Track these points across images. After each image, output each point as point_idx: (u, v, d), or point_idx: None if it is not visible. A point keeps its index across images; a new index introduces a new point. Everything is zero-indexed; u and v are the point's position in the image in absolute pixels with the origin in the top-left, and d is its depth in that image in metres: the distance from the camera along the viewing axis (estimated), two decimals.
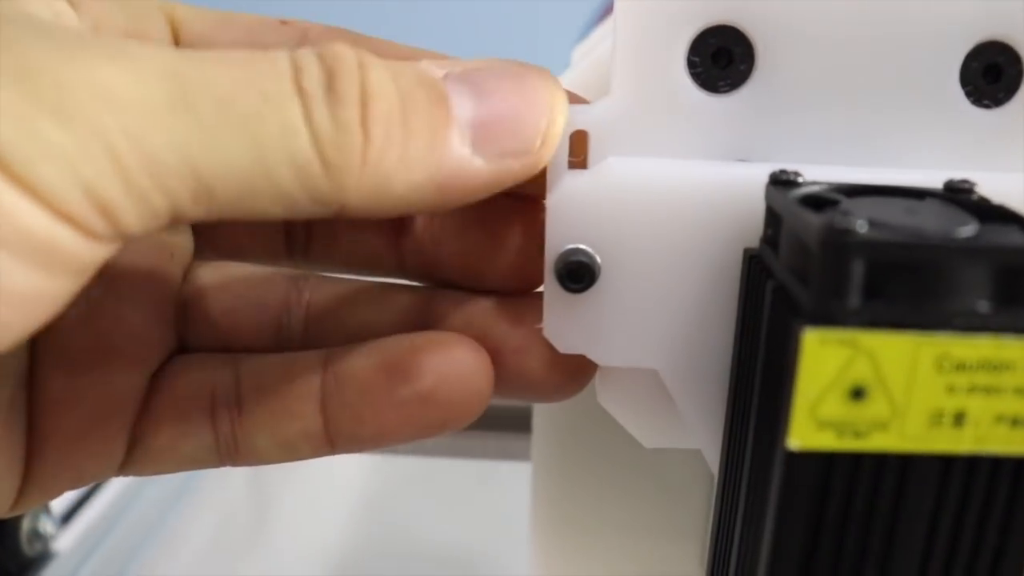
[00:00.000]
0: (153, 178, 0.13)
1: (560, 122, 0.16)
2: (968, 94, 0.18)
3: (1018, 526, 0.14)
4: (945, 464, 0.14)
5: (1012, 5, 0.17)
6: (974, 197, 0.16)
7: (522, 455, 0.24)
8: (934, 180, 0.16)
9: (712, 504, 0.20)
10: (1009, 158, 0.18)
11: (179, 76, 0.13)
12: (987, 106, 0.18)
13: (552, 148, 0.16)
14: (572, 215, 0.17)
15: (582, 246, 0.17)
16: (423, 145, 0.15)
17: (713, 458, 0.18)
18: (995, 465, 0.14)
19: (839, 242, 0.13)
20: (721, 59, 0.17)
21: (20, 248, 0.13)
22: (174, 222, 0.14)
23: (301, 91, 0.14)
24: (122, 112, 0.13)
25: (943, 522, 0.14)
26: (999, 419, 0.14)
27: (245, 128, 0.14)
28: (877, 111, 0.17)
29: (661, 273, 0.17)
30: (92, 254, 0.13)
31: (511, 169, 0.16)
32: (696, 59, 0.17)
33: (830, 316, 0.13)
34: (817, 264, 0.13)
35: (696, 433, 0.18)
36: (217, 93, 0.13)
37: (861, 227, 0.13)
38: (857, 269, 0.13)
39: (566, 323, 0.17)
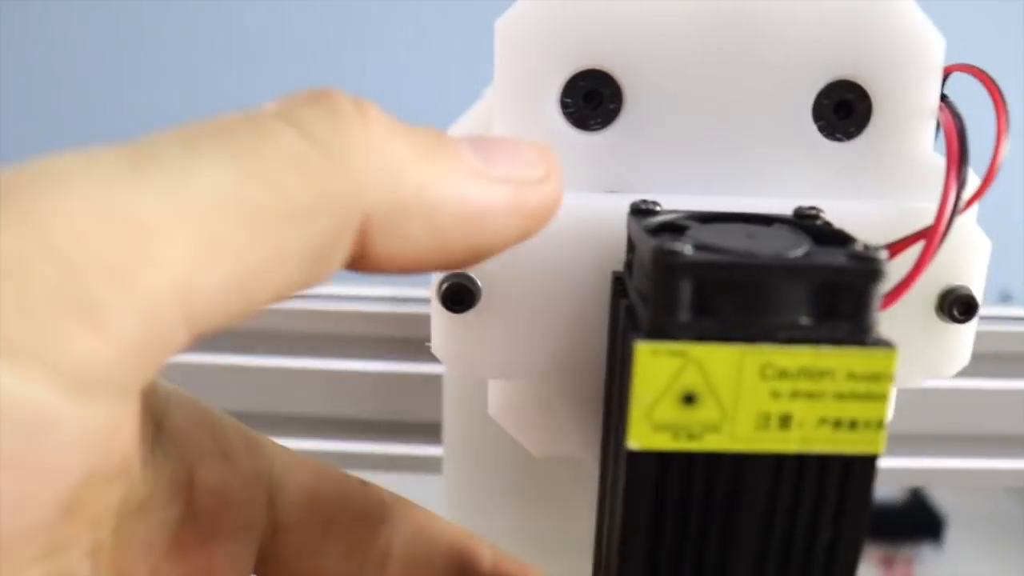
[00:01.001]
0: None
1: (559, 166, 0.17)
2: (821, 128, 0.19)
3: (849, 520, 0.16)
4: (776, 463, 0.15)
5: (859, 47, 0.19)
6: (819, 222, 0.18)
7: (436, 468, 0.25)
8: (788, 208, 0.18)
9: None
10: (860, 187, 0.19)
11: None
12: (839, 139, 0.19)
13: (559, 182, 0.16)
14: None
15: (467, 273, 0.18)
16: (434, 149, 0.15)
17: (594, 466, 0.20)
18: (823, 463, 0.15)
19: (667, 263, 0.15)
20: (592, 100, 0.19)
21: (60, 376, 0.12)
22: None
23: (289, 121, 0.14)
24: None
25: (778, 517, 0.16)
26: (822, 421, 0.15)
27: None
28: (737, 145, 0.19)
29: (538, 295, 0.19)
30: (80, 421, 0.12)
31: (527, 196, 0.16)
32: (568, 100, 0.19)
33: (662, 330, 0.15)
34: (650, 283, 0.15)
35: (577, 442, 0.20)
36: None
37: (688, 250, 0.15)
38: (685, 287, 0.15)
39: (451, 341, 0.19)
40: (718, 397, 0.15)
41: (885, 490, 0.55)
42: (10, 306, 0.11)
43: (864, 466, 0.16)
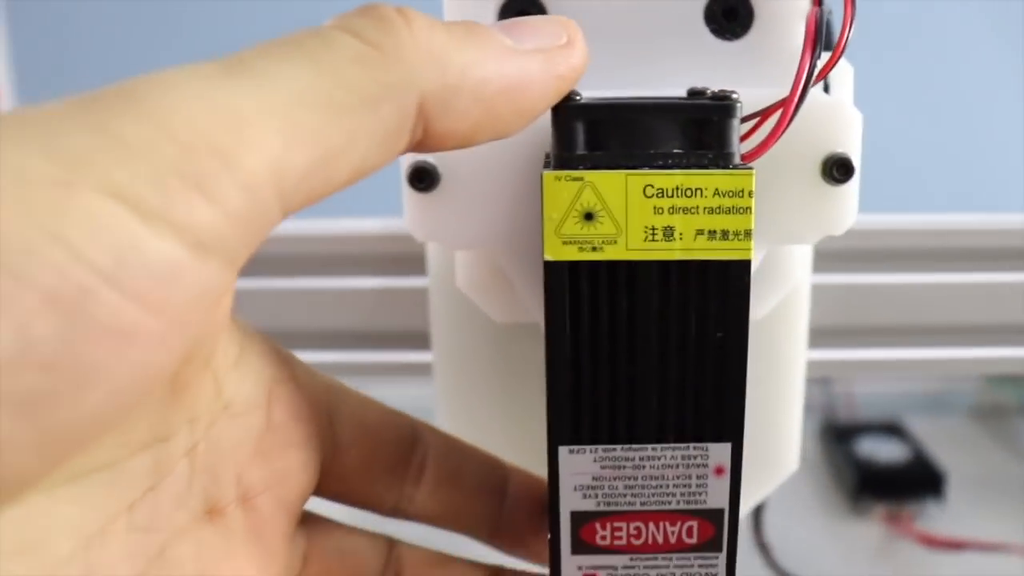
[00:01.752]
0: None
1: (580, 33, 0.19)
2: (713, 31, 0.23)
3: (732, 318, 0.20)
4: (664, 268, 0.19)
5: None
6: (706, 94, 0.21)
7: None
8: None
9: None
10: (747, 77, 0.23)
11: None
12: (728, 39, 0.23)
13: (582, 44, 0.19)
14: None
15: (427, 158, 0.23)
16: (469, 36, 0.18)
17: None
18: (703, 268, 0.19)
19: (563, 107, 0.19)
20: (524, 15, 0.23)
21: (121, 274, 0.13)
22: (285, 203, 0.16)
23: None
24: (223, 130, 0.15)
25: (672, 315, 0.20)
26: (699, 232, 0.19)
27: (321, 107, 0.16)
28: (645, 48, 0.23)
29: (490, 174, 0.23)
30: (199, 274, 0.14)
31: (556, 61, 0.18)
32: (506, 15, 0.23)
33: (562, 162, 0.19)
34: (553, 129, 0.19)
35: (533, 308, 0.24)
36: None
37: (580, 99, 0.19)
38: (579, 127, 0.19)
39: (419, 217, 0.23)
40: (612, 214, 0.19)
41: (888, 451, 0.58)
42: (144, 180, 0.14)
43: (739, 269, 0.19)
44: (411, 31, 0.17)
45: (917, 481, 0.56)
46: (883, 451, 0.58)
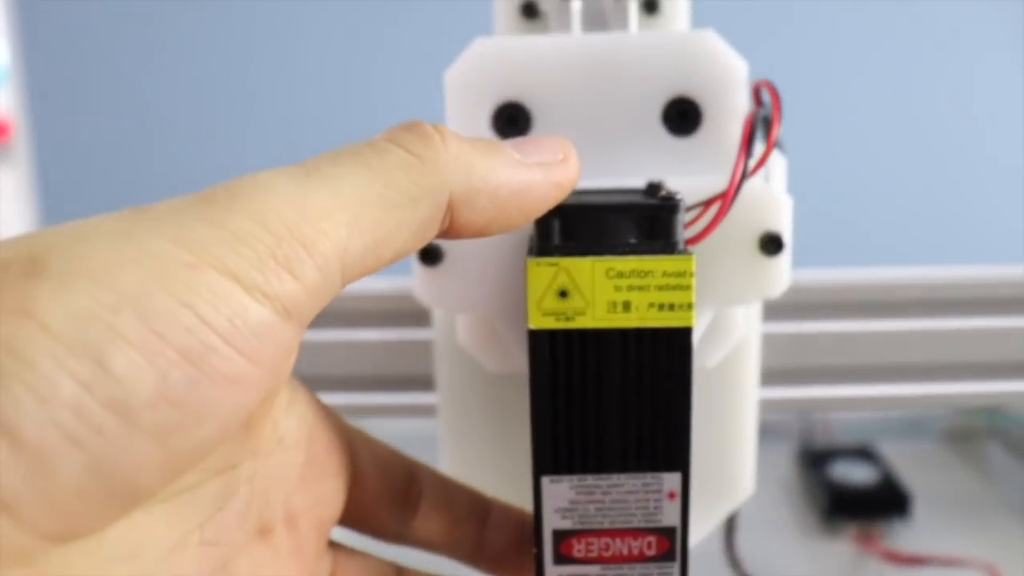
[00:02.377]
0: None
1: (574, 152, 0.24)
2: (669, 130, 0.28)
3: (678, 374, 0.24)
4: (623, 335, 0.24)
5: (688, 73, 0.28)
6: (662, 190, 0.26)
7: None
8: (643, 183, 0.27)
9: None
10: (697, 168, 0.28)
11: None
12: (681, 136, 0.28)
13: (575, 160, 0.24)
14: None
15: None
16: (489, 151, 0.22)
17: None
18: (654, 334, 0.24)
19: None
20: (511, 121, 0.28)
21: (233, 333, 0.17)
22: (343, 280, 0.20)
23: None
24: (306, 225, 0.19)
25: (631, 373, 0.24)
26: (651, 305, 0.24)
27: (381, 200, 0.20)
28: (611, 144, 0.28)
29: (486, 253, 0.27)
30: (284, 334, 0.18)
31: (555, 172, 0.23)
32: (496, 122, 0.28)
33: (542, 251, 0.24)
34: (535, 222, 0.24)
35: (520, 360, 0.28)
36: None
37: None
38: (555, 223, 0.24)
39: (427, 287, 0.28)
40: (581, 292, 0.24)
41: (859, 474, 0.62)
42: (249, 262, 0.18)
43: (682, 334, 0.24)
44: (445, 144, 0.21)
45: (885, 502, 0.60)
46: (855, 474, 0.62)
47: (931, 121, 0.95)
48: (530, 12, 0.32)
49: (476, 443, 0.33)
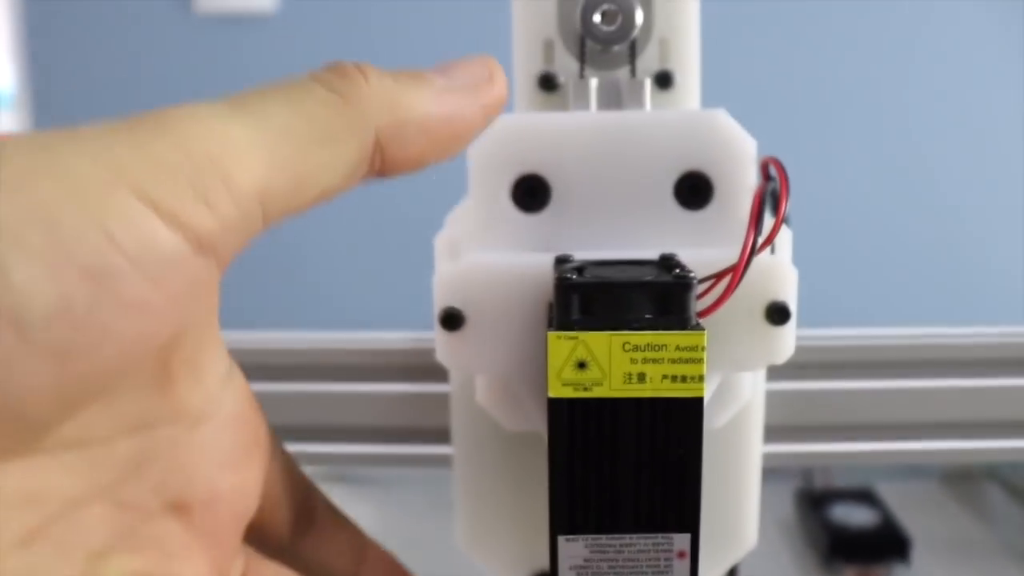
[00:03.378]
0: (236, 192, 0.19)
1: (500, 68, 0.24)
2: (681, 203, 0.30)
3: (690, 441, 0.26)
4: (638, 404, 0.25)
5: (700, 150, 0.29)
6: (672, 261, 0.28)
7: None
8: (656, 255, 0.28)
9: None
10: (707, 240, 0.29)
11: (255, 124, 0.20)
12: (693, 210, 0.30)
13: (502, 78, 0.24)
14: (447, 286, 0.29)
15: (455, 304, 0.29)
16: (412, 82, 0.23)
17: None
18: (667, 404, 0.25)
19: (563, 285, 0.25)
20: (531, 193, 0.29)
21: (142, 258, 0.17)
22: (264, 219, 0.20)
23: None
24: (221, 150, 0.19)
25: (644, 440, 0.26)
26: (664, 377, 0.25)
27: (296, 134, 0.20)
28: (625, 216, 0.29)
29: (506, 319, 0.29)
30: (195, 266, 0.18)
31: (482, 93, 0.24)
32: (516, 193, 0.29)
33: (562, 324, 0.25)
34: (555, 298, 0.25)
35: (537, 420, 0.30)
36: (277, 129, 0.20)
37: (575, 277, 0.25)
38: (575, 299, 0.25)
39: (448, 351, 0.29)
40: (599, 363, 0.25)
41: (859, 516, 0.63)
42: (166, 188, 0.18)
43: (694, 404, 0.25)
44: (367, 80, 0.22)
45: (885, 544, 0.61)
46: (854, 516, 0.63)
47: (929, 182, 0.96)
48: (548, 85, 0.33)
49: (491, 499, 0.34)
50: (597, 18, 0.31)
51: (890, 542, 0.62)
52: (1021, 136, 0.93)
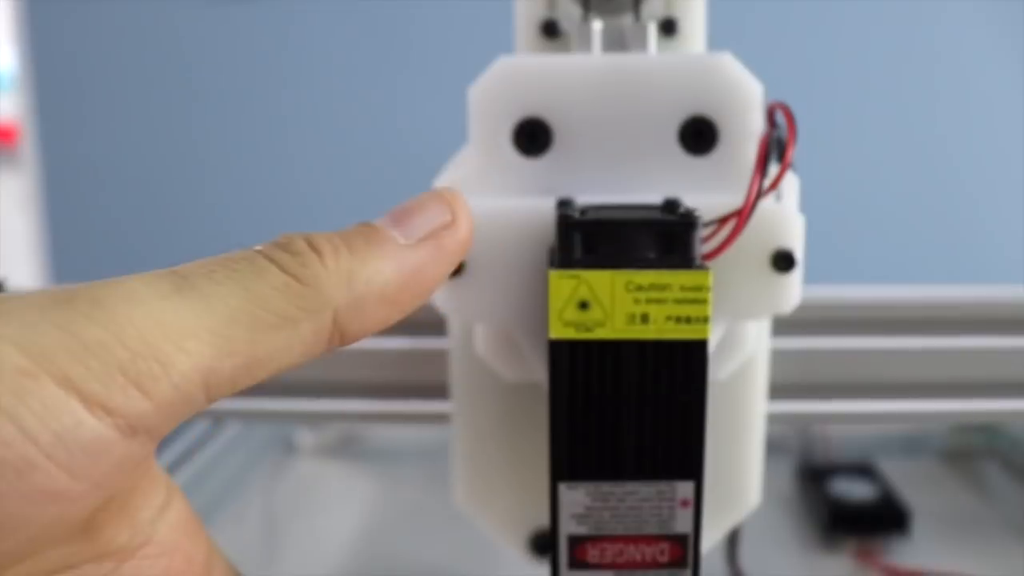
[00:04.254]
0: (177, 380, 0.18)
1: (464, 199, 0.23)
2: (685, 148, 0.29)
3: (694, 384, 0.25)
4: (641, 346, 0.25)
5: (705, 93, 0.29)
6: (677, 205, 0.27)
7: None
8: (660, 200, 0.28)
9: None
10: (713, 186, 0.29)
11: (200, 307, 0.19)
12: (698, 155, 0.29)
13: (466, 216, 0.23)
14: None
15: None
16: (368, 249, 0.21)
17: (546, 387, 0.29)
18: (671, 346, 0.25)
19: (564, 223, 0.24)
20: (533, 137, 0.29)
21: (60, 448, 0.17)
22: (205, 401, 0.19)
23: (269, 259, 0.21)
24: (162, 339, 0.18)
25: (647, 386, 0.25)
26: (668, 318, 0.25)
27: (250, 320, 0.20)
28: (629, 161, 0.29)
29: (505, 265, 0.28)
30: (124, 449, 0.18)
31: (444, 243, 0.23)
32: (517, 137, 0.29)
33: (564, 263, 0.24)
34: (557, 237, 0.25)
35: (537, 369, 0.29)
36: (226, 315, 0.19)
37: (577, 215, 0.25)
38: (576, 237, 0.24)
39: (448, 298, 0.28)
40: (601, 304, 0.25)
41: (859, 490, 0.63)
42: (94, 375, 0.17)
43: (699, 347, 0.25)
44: (322, 260, 0.21)
45: (884, 518, 0.61)
46: (855, 490, 0.63)
47: (935, 142, 0.96)
48: (550, 31, 0.32)
49: (490, 454, 0.33)
50: None
51: (890, 515, 0.61)
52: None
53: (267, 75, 1.00)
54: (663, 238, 0.25)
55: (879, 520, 0.61)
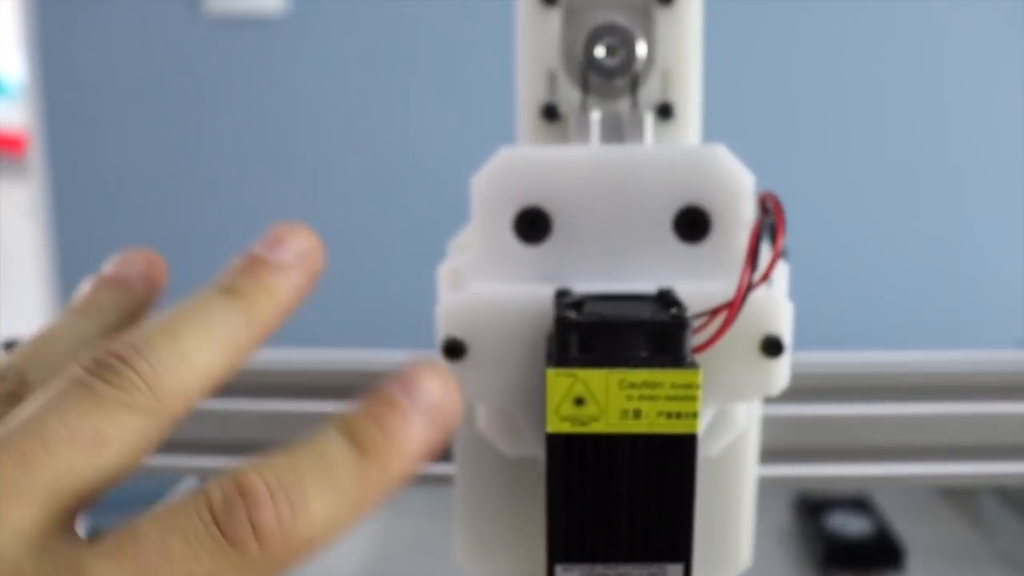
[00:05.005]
0: None
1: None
2: (680, 236, 0.30)
3: (684, 475, 0.26)
4: (634, 439, 0.26)
5: (699, 184, 0.30)
6: (670, 296, 0.28)
7: None
8: (654, 288, 0.29)
9: None
10: (706, 273, 0.30)
11: None
12: (692, 243, 0.30)
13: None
14: (450, 316, 0.29)
15: (457, 334, 0.29)
16: (322, 504, 0.21)
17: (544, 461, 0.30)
18: (662, 439, 0.26)
19: (561, 324, 0.26)
20: (533, 225, 0.30)
21: None
22: None
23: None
24: None
25: (638, 475, 0.26)
26: (659, 414, 0.26)
27: None
28: (626, 249, 0.30)
29: (506, 349, 0.29)
30: None
31: (390, 464, 0.23)
32: (517, 225, 0.30)
33: (561, 361, 0.26)
34: (555, 335, 0.26)
35: (534, 445, 0.30)
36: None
37: (574, 316, 0.26)
38: (573, 337, 0.26)
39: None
40: (596, 400, 0.26)
41: (855, 525, 0.64)
42: None
43: (688, 440, 0.26)
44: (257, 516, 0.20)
45: (880, 553, 0.62)
46: (851, 525, 0.64)
47: (926, 213, 0.97)
48: (550, 115, 0.34)
49: (491, 520, 0.34)
50: (600, 51, 0.32)
51: (886, 551, 0.63)
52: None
53: (271, 94, 1.02)
54: (656, 337, 0.26)
55: (875, 556, 0.63)
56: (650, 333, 0.26)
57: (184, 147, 1.05)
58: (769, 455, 0.36)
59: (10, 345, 0.44)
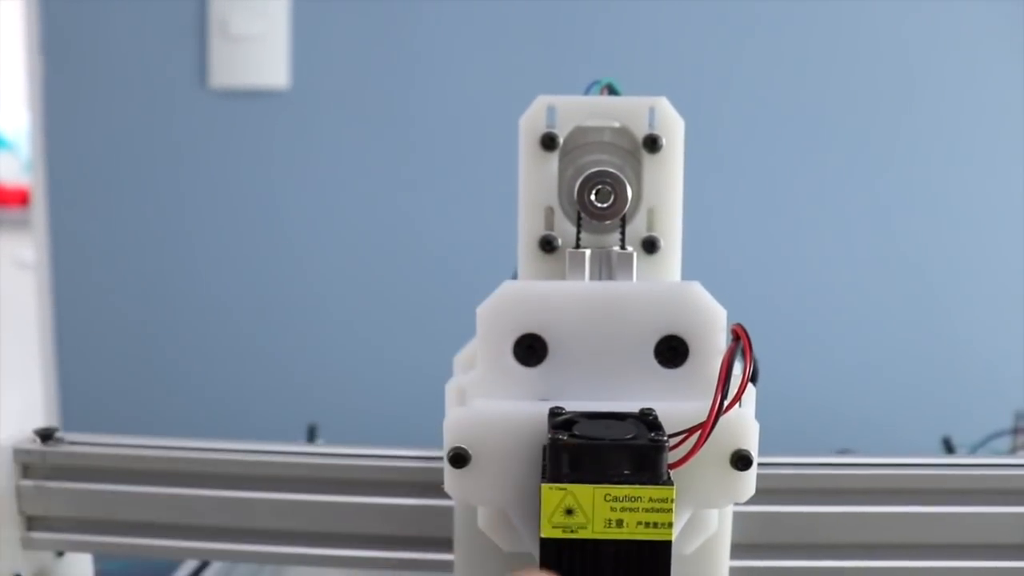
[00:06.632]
0: None
1: None
2: (660, 362, 0.34)
3: (659, 572, 0.30)
4: (617, 544, 0.30)
5: (678, 317, 0.34)
6: (651, 417, 0.32)
7: None
8: (638, 407, 0.33)
9: None
10: (683, 395, 0.34)
11: None
12: (671, 368, 0.34)
13: None
14: (456, 429, 0.33)
15: (462, 445, 0.34)
16: None
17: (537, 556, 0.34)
18: (641, 545, 0.30)
19: (554, 445, 0.30)
20: (531, 349, 0.34)
21: None
22: None
23: None
24: None
25: (620, 571, 0.30)
26: (639, 523, 0.30)
27: None
28: (614, 373, 0.34)
29: (505, 459, 0.33)
30: None
31: None
32: (517, 350, 0.34)
33: (554, 477, 0.30)
34: (548, 454, 0.30)
35: (529, 542, 0.34)
36: None
37: (565, 438, 0.30)
38: (564, 456, 0.30)
39: (455, 484, 0.34)
40: (584, 511, 0.30)
41: None
42: None
43: (663, 547, 0.30)
44: None
45: None
46: None
47: (924, 301, 1.01)
48: (548, 247, 0.38)
49: None
50: (593, 196, 0.36)
51: None
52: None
53: (269, 166, 1.06)
54: (636, 457, 0.30)
55: None
56: (632, 454, 0.30)
57: (183, 216, 1.08)
58: (741, 550, 0.40)
59: (46, 436, 0.47)
